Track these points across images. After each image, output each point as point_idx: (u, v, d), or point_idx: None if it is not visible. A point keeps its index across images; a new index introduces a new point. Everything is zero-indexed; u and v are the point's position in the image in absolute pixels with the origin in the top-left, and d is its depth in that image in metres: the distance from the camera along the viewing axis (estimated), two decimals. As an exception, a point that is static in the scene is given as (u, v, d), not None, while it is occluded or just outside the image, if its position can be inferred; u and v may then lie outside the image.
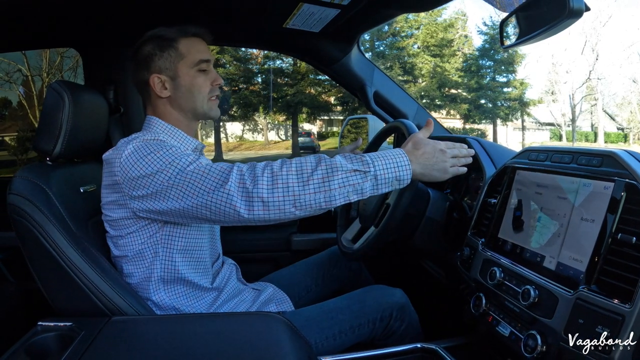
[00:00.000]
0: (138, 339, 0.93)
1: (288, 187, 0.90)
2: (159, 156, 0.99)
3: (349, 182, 0.91)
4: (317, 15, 1.35)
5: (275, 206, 0.90)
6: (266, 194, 0.90)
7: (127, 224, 1.07)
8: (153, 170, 0.97)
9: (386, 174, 0.94)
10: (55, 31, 1.53)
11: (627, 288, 0.73)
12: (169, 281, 1.12)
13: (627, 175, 0.80)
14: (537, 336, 0.84)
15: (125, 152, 1.01)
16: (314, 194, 0.90)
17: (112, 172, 1.04)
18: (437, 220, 1.30)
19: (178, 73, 1.15)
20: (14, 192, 0.99)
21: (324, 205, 0.91)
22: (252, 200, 0.90)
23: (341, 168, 0.92)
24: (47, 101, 1.12)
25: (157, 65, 1.15)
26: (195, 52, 1.16)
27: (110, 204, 1.08)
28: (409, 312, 1.24)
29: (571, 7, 0.87)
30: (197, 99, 1.17)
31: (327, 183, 0.90)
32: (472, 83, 22.10)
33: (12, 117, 15.51)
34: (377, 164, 0.94)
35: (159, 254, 1.10)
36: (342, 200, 0.92)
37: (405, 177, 0.96)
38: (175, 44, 1.15)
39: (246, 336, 0.92)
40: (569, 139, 24.61)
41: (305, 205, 0.91)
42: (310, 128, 25.49)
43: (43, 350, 0.91)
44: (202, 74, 1.17)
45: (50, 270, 0.99)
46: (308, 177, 0.91)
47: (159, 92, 1.16)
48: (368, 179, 0.92)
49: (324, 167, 0.92)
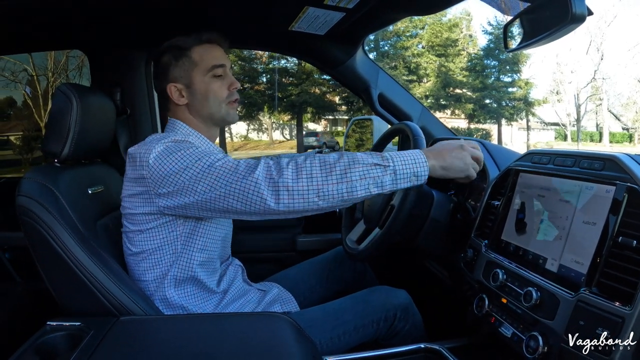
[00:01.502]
0: (146, 338, 0.94)
1: (312, 177, 0.93)
2: (188, 154, 1.01)
3: (369, 175, 0.94)
4: (322, 18, 1.36)
5: (299, 194, 0.93)
6: (291, 182, 0.92)
7: (149, 219, 1.09)
8: (182, 167, 0.99)
9: (404, 169, 0.96)
10: (63, 33, 1.54)
11: (627, 291, 0.73)
12: (181, 280, 1.13)
13: (628, 179, 0.81)
14: (539, 337, 0.85)
15: (155, 151, 1.02)
16: (336, 184, 0.93)
17: (138, 166, 1.05)
18: (441, 222, 1.30)
19: (193, 80, 1.18)
20: (22, 194, 1.01)
21: (345, 196, 0.93)
22: (278, 189, 0.93)
23: (362, 161, 0.95)
24: (56, 104, 1.14)
25: (172, 75, 1.18)
26: (208, 59, 1.19)
27: (133, 197, 1.08)
28: (412, 312, 1.25)
29: (574, 12, 0.88)
30: (214, 105, 1.20)
31: (348, 174, 0.93)
32: (477, 83, 22.04)
33: (18, 117, 15.59)
34: (396, 159, 0.97)
35: (178, 251, 1.12)
36: (363, 191, 0.94)
37: (423, 173, 0.98)
38: (188, 53, 1.18)
39: (252, 336, 0.93)
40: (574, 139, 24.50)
41: (328, 196, 0.93)
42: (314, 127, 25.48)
43: (52, 350, 0.92)
44: (218, 80, 1.20)
45: (59, 270, 1.01)
46: (331, 168, 0.93)
47: (177, 100, 1.19)
48: (388, 173, 0.95)
49: (346, 160, 0.95)
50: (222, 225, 1.20)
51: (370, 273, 1.59)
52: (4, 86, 14.74)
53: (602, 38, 23.03)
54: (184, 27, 1.50)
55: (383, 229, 1.21)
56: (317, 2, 1.24)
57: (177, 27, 1.50)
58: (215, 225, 1.17)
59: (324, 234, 1.85)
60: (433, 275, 1.58)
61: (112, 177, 1.41)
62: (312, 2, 1.24)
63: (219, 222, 1.19)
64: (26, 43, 1.68)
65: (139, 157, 1.04)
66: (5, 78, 14.47)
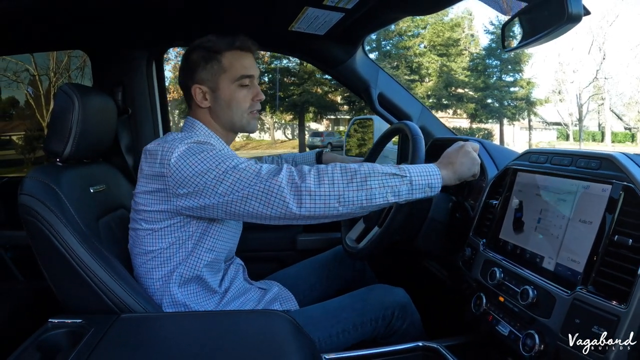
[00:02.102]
0: (146, 336, 0.95)
1: (334, 183, 0.96)
2: (211, 155, 1.02)
3: (387, 184, 0.98)
4: (322, 18, 1.37)
5: (321, 199, 0.95)
6: (314, 187, 0.95)
7: (163, 217, 1.09)
8: (204, 169, 1.00)
9: (420, 181, 1.01)
10: (64, 34, 1.55)
11: (623, 289, 0.74)
12: (186, 279, 1.14)
13: (624, 178, 0.81)
14: (536, 335, 0.85)
15: (178, 151, 1.03)
16: (356, 191, 0.96)
17: (158, 164, 1.04)
18: (440, 221, 1.31)
19: (219, 86, 1.18)
20: (25, 193, 1.02)
21: (365, 203, 0.97)
22: (300, 194, 0.95)
23: (381, 170, 0.99)
24: (58, 103, 1.15)
25: (200, 76, 1.18)
26: (238, 67, 1.19)
27: (149, 194, 1.08)
28: (410, 311, 1.26)
29: (570, 12, 0.88)
30: (236, 113, 1.20)
31: (369, 182, 0.96)
32: (479, 82, 22.00)
33: (20, 117, 15.62)
34: (412, 171, 1.01)
35: (188, 250, 1.12)
36: (381, 200, 0.97)
37: (436, 185, 1.03)
38: (219, 57, 1.17)
39: (252, 334, 0.94)
40: (576, 139, 24.44)
41: (349, 202, 0.96)
42: (317, 127, 25.45)
43: (54, 347, 0.93)
44: (244, 89, 1.20)
45: (61, 269, 1.02)
46: (352, 176, 0.97)
47: (200, 102, 1.19)
48: (405, 183, 0.99)
49: (366, 168, 0.98)
50: (232, 227, 1.21)
51: (369, 272, 1.60)
52: (6, 86, 14.79)
53: (604, 37, 22.98)
54: (184, 27, 1.52)
55: (382, 228, 1.21)
56: (316, 3, 1.24)
57: (177, 27, 1.52)
58: (227, 227, 1.18)
59: (324, 233, 1.86)
60: (432, 274, 1.59)
61: (114, 176, 1.42)
62: (312, 3, 1.25)
63: (230, 223, 1.19)
64: (27, 43, 1.69)
65: (160, 155, 1.04)
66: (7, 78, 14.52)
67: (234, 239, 1.26)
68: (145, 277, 1.15)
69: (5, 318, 1.49)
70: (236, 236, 1.27)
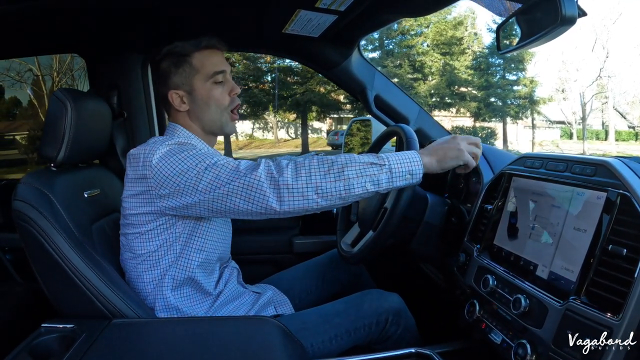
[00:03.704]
0: (136, 341, 0.96)
1: (311, 175, 0.96)
2: (191, 155, 1.03)
3: (366, 173, 0.97)
4: (315, 21, 1.36)
5: (299, 192, 0.95)
6: (291, 180, 0.95)
7: (148, 219, 1.09)
8: (184, 168, 1.01)
9: (400, 168, 1.00)
10: (60, 38, 1.55)
11: (616, 300, 0.72)
12: (179, 281, 1.14)
13: (619, 185, 0.80)
14: (527, 345, 0.84)
15: (159, 152, 1.04)
16: (334, 182, 0.96)
17: (141, 166, 1.05)
18: (435, 225, 1.30)
19: (194, 87, 1.19)
20: (18, 199, 1.02)
21: (343, 193, 0.96)
22: (279, 188, 0.95)
23: (358, 160, 0.99)
24: (51, 109, 1.15)
25: (173, 82, 1.18)
26: (209, 65, 1.19)
27: (133, 198, 1.09)
28: (405, 317, 1.25)
29: (564, 15, 0.88)
30: (215, 112, 1.21)
31: (346, 172, 0.96)
32: (482, 81, 21.91)
33: (23, 116, 15.69)
34: (391, 159, 1.00)
35: (177, 252, 1.12)
36: (360, 189, 0.97)
37: (418, 171, 1.01)
38: (189, 59, 1.18)
39: (241, 341, 0.94)
40: (580, 137, 24.33)
41: (327, 193, 0.96)
42: (320, 126, 25.48)
43: (46, 351, 0.94)
44: (219, 86, 1.20)
45: (54, 274, 1.02)
46: (329, 167, 0.97)
47: (178, 107, 1.20)
48: (384, 171, 0.99)
49: (343, 159, 0.99)
50: (220, 226, 1.21)
51: (366, 275, 1.59)
52: (10, 86, 14.84)
53: (607, 35, 22.84)
54: (179, 31, 1.51)
55: (376, 232, 1.20)
56: (308, 5, 1.23)
57: (172, 30, 1.51)
58: (215, 226, 1.18)
59: (320, 236, 1.85)
60: (429, 278, 1.58)
61: (109, 180, 1.41)
62: (304, 5, 1.24)
63: (218, 222, 1.19)
64: (24, 47, 1.69)
65: (142, 157, 1.05)
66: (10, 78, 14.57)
67: (225, 239, 1.25)
68: (137, 281, 1.15)
69: (3, 319, 1.50)
70: (226, 235, 1.27)
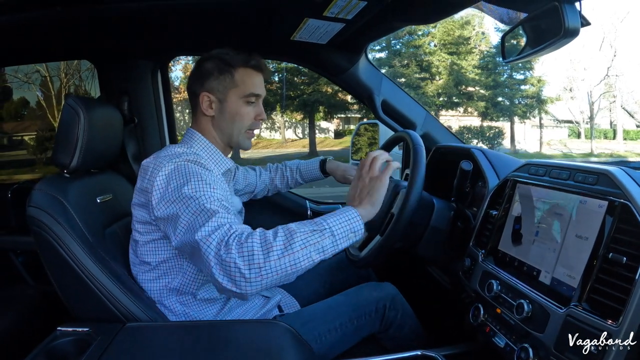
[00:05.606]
0: (149, 344, 0.98)
1: (253, 255, 0.89)
2: (193, 184, 1.02)
3: (309, 242, 0.92)
4: (323, 28, 1.38)
5: (247, 274, 0.88)
6: (241, 263, 0.89)
7: (152, 229, 1.12)
8: (178, 197, 1.01)
9: (341, 229, 0.96)
10: (71, 44, 1.58)
11: (616, 307, 0.74)
12: (186, 289, 1.17)
13: (620, 195, 0.81)
14: (530, 350, 0.86)
15: (164, 170, 1.05)
16: (277, 259, 0.89)
17: (147, 179, 1.08)
18: (442, 229, 1.31)
19: (227, 99, 1.21)
20: (33, 205, 1.05)
21: (289, 269, 0.90)
22: (229, 270, 0.89)
23: (299, 230, 0.93)
24: (63, 117, 1.18)
25: (210, 85, 1.20)
26: (249, 85, 1.22)
27: (140, 207, 1.12)
28: (401, 301, 1.31)
29: (567, 27, 0.90)
30: (236, 128, 1.23)
31: (289, 247, 0.90)
32: (489, 80, 21.80)
33: (31, 117, 15.79)
34: (330, 221, 0.97)
35: (183, 268, 1.15)
36: (306, 262, 0.92)
37: (359, 227, 0.99)
38: (233, 71, 1.20)
39: (251, 344, 0.97)
40: (588, 137, 24.13)
41: (271, 273, 0.89)
42: (327, 126, 25.46)
43: (62, 354, 0.97)
44: (249, 106, 1.23)
45: (68, 278, 1.05)
46: (269, 246, 0.90)
47: (205, 110, 1.22)
48: (326, 236, 0.94)
49: (282, 234, 0.93)
50: None
51: (374, 278, 1.61)
52: (18, 87, 14.96)
53: (615, 34, 22.66)
54: (188, 38, 1.54)
55: (383, 237, 1.22)
56: (316, 14, 1.26)
57: (182, 37, 1.53)
58: None
59: None
60: (435, 280, 1.59)
61: (121, 184, 1.44)
62: (312, 14, 1.26)
63: None
64: (35, 54, 1.72)
65: (150, 171, 1.08)
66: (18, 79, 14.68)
67: None
68: (144, 286, 1.18)
69: (16, 321, 1.53)
70: None
